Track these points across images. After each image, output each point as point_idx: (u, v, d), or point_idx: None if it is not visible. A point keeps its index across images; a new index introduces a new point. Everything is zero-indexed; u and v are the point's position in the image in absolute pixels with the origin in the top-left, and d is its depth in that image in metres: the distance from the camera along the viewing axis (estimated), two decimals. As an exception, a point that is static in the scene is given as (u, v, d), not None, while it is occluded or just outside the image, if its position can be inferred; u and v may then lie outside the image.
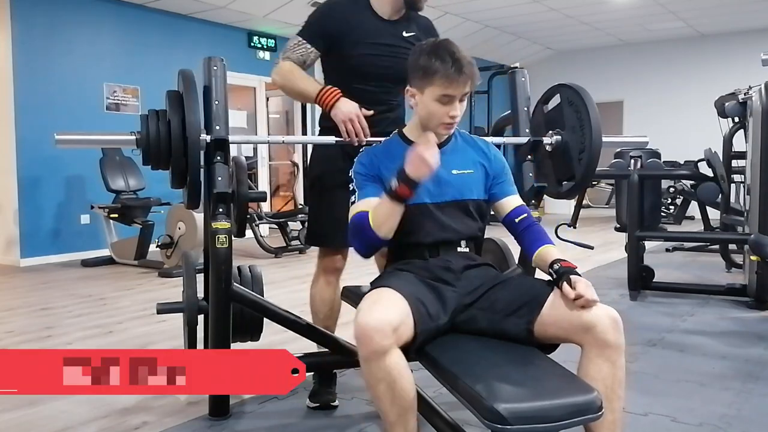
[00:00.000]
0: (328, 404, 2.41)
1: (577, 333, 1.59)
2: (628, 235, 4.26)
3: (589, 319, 1.57)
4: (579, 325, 1.58)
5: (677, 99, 10.38)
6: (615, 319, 1.57)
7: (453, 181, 1.88)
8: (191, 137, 2.09)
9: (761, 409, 2.38)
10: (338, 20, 2.27)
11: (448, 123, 1.81)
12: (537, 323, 1.64)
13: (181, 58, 6.01)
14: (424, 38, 2.27)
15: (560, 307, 1.62)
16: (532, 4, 8.23)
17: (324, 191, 2.41)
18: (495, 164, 1.95)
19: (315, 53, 2.29)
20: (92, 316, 4.02)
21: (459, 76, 1.73)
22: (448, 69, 1.72)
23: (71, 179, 6.43)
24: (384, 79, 2.31)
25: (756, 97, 3.97)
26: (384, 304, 1.58)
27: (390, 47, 2.29)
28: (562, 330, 1.62)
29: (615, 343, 1.56)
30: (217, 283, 2.20)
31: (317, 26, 2.30)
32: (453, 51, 1.74)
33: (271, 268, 5.53)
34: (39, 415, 2.39)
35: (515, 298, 1.70)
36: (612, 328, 1.56)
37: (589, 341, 1.57)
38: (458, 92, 1.75)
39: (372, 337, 1.50)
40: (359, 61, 2.27)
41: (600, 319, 1.56)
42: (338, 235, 2.36)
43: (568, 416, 1.36)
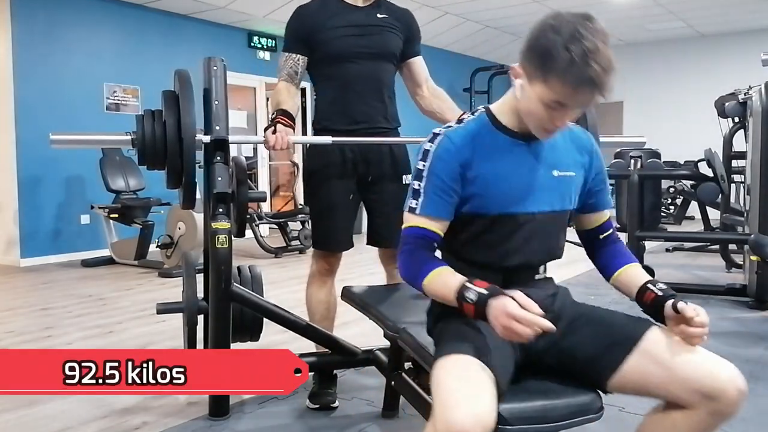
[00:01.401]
0: (327, 405, 2.41)
1: (691, 398, 1.29)
2: (628, 235, 4.26)
3: (714, 388, 1.27)
4: (699, 392, 1.27)
5: (677, 99, 10.37)
6: (744, 392, 1.30)
7: (554, 185, 1.47)
8: (186, 137, 2.09)
9: (761, 409, 2.38)
10: (310, 18, 2.34)
11: (551, 129, 1.38)
12: (626, 373, 1.35)
13: (181, 58, 6.01)
14: (400, 24, 2.41)
15: (667, 363, 1.30)
16: (532, 4, 8.23)
17: (318, 189, 2.43)
18: (597, 166, 1.55)
19: (302, 59, 2.37)
20: (92, 316, 4.02)
21: (584, 88, 1.27)
22: (572, 75, 1.26)
23: (71, 179, 6.43)
24: (365, 57, 2.35)
25: (756, 97, 3.97)
26: (472, 390, 1.21)
27: (366, 27, 2.35)
28: (667, 390, 1.31)
29: (732, 415, 1.30)
30: (217, 283, 2.20)
31: (294, 33, 2.37)
32: (590, 48, 1.26)
33: (271, 268, 5.53)
34: (39, 415, 2.39)
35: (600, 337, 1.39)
36: (739, 401, 1.29)
37: (704, 408, 1.29)
38: (577, 104, 1.33)
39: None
40: (339, 43, 2.32)
41: (728, 389, 1.28)
42: (333, 239, 2.42)
43: (568, 416, 1.36)
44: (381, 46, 2.37)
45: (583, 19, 1.30)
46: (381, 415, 2.29)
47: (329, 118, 2.40)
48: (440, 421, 1.17)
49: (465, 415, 1.16)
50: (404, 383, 2.03)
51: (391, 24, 2.40)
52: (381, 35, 2.37)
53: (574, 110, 1.35)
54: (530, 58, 1.32)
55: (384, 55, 2.39)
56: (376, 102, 2.40)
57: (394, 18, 2.42)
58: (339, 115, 2.37)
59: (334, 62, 2.35)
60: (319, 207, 2.43)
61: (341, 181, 2.38)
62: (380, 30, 2.38)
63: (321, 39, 2.32)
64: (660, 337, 1.36)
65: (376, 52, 2.36)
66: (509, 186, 1.44)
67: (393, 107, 2.47)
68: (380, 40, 2.37)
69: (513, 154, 1.44)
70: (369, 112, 2.38)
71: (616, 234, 1.60)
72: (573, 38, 1.26)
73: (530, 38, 1.33)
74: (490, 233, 1.46)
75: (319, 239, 2.46)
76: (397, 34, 2.42)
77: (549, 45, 1.27)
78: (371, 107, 2.38)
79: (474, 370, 1.25)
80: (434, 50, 9.80)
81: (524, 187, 1.44)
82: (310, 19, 2.34)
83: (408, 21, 2.48)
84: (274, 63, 2.43)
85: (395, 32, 2.41)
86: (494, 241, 1.46)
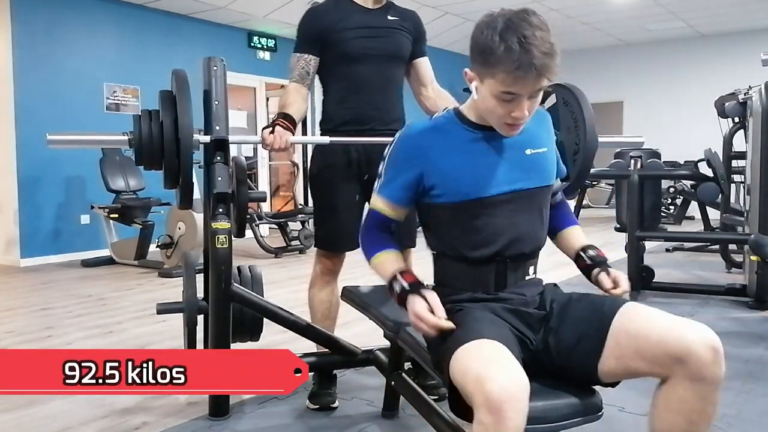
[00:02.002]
0: (327, 406, 2.41)
1: (664, 365, 1.29)
2: (628, 235, 4.26)
3: (682, 348, 1.26)
4: (667, 355, 1.27)
5: (677, 99, 10.37)
6: (716, 348, 1.26)
7: (529, 164, 1.51)
8: (183, 138, 2.09)
9: (761, 409, 2.38)
10: (323, 19, 2.35)
11: (511, 124, 1.42)
12: (608, 356, 1.36)
13: (180, 58, 6.03)
14: (409, 25, 2.43)
15: (639, 333, 1.32)
16: (532, 4, 8.21)
17: (323, 189, 2.42)
18: (554, 139, 1.63)
19: (314, 59, 2.36)
20: (92, 316, 4.02)
21: (527, 73, 1.31)
22: (512, 61, 1.31)
23: (71, 179, 6.43)
24: (377, 59, 2.36)
25: (756, 97, 3.97)
26: (503, 362, 1.24)
27: (377, 29, 2.37)
28: (643, 362, 1.31)
29: (713, 378, 1.26)
30: (217, 283, 2.20)
31: (306, 34, 2.37)
32: (525, 34, 1.31)
33: (271, 268, 5.53)
34: (39, 415, 2.39)
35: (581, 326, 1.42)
36: (712, 359, 1.25)
37: (679, 374, 1.27)
38: (525, 91, 1.36)
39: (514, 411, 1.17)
40: (349, 45, 2.33)
41: (697, 347, 1.25)
42: (337, 240, 2.41)
43: (568, 416, 1.36)
44: (392, 48, 2.40)
45: (516, 11, 1.36)
46: (381, 415, 2.29)
47: (337, 118, 2.40)
48: (481, 396, 1.18)
49: (506, 381, 1.18)
50: (404, 383, 2.03)
51: (401, 26, 2.43)
52: (392, 37, 2.40)
53: (525, 98, 1.37)
54: (474, 58, 1.40)
55: (395, 56, 2.42)
56: (385, 103, 2.42)
57: (402, 20, 2.45)
58: (348, 116, 2.38)
59: (346, 63, 2.35)
60: (324, 207, 2.43)
61: (346, 182, 2.38)
62: (391, 32, 2.40)
63: (334, 40, 2.33)
64: (632, 312, 1.37)
65: (387, 54, 2.39)
66: (478, 171, 1.48)
67: (401, 109, 2.49)
68: (391, 42, 2.40)
69: (479, 144, 1.50)
70: (378, 113, 2.39)
71: (563, 197, 1.71)
72: (507, 29, 1.32)
73: (471, 40, 1.41)
74: (474, 218, 1.48)
75: (323, 239, 2.46)
76: (407, 35, 2.45)
77: (487, 41, 1.34)
78: (380, 108, 2.39)
79: (498, 348, 1.28)
80: (434, 50, 9.77)
81: (496, 169, 1.48)
82: (323, 20, 2.35)
83: (416, 22, 2.51)
84: (274, 63, 2.46)
85: (405, 34, 2.44)
86: (479, 230, 1.48)
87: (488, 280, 1.50)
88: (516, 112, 1.38)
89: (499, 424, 1.16)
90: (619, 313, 1.37)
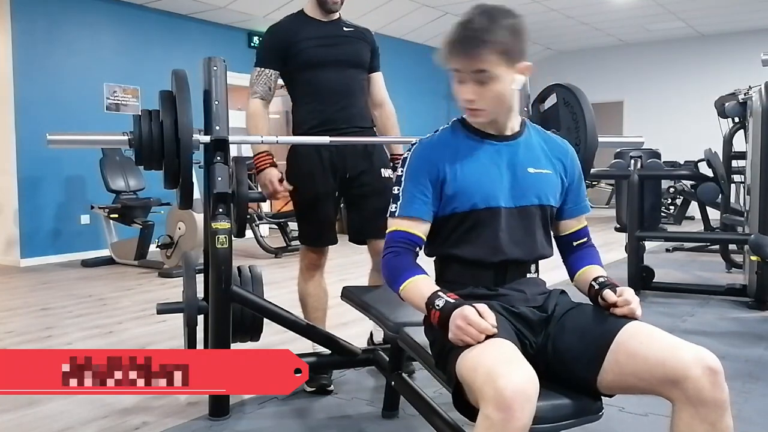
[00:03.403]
0: (324, 389, 2.50)
1: (662, 385, 1.26)
2: (628, 235, 4.26)
3: (677, 370, 1.23)
4: (665, 377, 1.25)
5: (677, 99, 10.38)
6: (713, 368, 1.22)
7: (530, 182, 1.53)
8: (183, 137, 2.09)
9: (761, 409, 2.38)
10: (283, 34, 2.54)
11: (465, 108, 1.47)
12: (607, 370, 1.34)
13: (181, 58, 6.02)
14: (365, 35, 2.63)
15: (638, 353, 1.29)
16: (532, 4, 8.23)
17: (300, 189, 2.55)
18: (573, 169, 1.61)
19: (275, 74, 2.54)
20: (92, 316, 4.02)
21: (454, 49, 1.41)
22: (446, 40, 1.44)
23: (71, 179, 6.43)
24: (336, 65, 2.53)
25: (756, 97, 3.97)
26: (512, 359, 1.24)
27: (333, 37, 2.55)
28: (642, 382, 1.30)
29: (714, 401, 1.21)
30: (217, 284, 2.20)
31: (267, 49, 2.56)
32: (463, 19, 1.43)
33: (271, 268, 5.53)
34: (39, 415, 2.39)
35: (582, 337, 1.41)
36: (710, 381, 1.21)
37: (679, 397, 1.24)
38: (463, 67, 1.41)
39: (523, 409, 1.17)
40: (309, 54, 2.50)
41: (692, 369, 1.22)
42: (318, 235, 2.59)
43: (568, 416, 1.36)
44: (351, 55, 2.58)
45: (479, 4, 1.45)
46: (381, 415, 2.29)
47: (306, 122, 2.55)
48: (491, 392, 1.17)
49: (519, 380, 1.17)
50: (404, 383, 2.03)
51: (359, 36, 2.61)
52: (350, 45, 2.58)
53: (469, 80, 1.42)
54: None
55: (354, 62, 2.59)
56: (350, 106, 2.56)
57: (359, 32, 2.64)
58: (315, 119, 2.53)
59: (308, 70, 2.52)
60: (303, 205, 2.59)
61: (322, 180, 2.53)
62: (348, 40, 2.59)
63: (295, 50, 2.50)
64: (634, 331, 1.35)
65: (346, 60, 2.55)
66: (484, 182, 1.51)
67: (367, 111, 2.65)
68: (350, 49, 2.58)
69: (486, 153, 1.53)
70: (344, 115, 2.54)
71: (591, 242, 1.65)
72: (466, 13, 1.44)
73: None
74: (474, 229, 1.50)
75: (306, 235, 2.64)
76: (365, 45, 2.63)
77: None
78: (346, 111, 2.56)
79: (509, 346, 1.28)
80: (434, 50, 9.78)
81: (500, 183, 1.51)
82: (283, 34, 2.53)
83: (371, 36, 2.68)
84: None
85: (363, 43, 2.63)
86: (479, 237, 1.50)
87: (488, 276, 1.52)
88: (462, 94, 1.44)
89: (507, 421, 1.15)
90: (622, 331, 1.35)
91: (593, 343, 1.37)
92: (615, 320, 1.39)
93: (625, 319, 1.38)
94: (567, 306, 1.51)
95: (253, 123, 2.53)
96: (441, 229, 1.54)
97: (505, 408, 1.15)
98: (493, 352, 1.26)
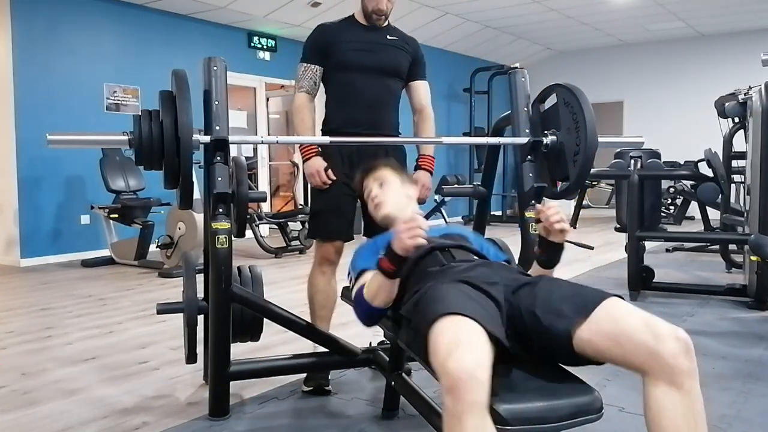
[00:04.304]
0: (321, 388, 2.50)
1: (637, 353, 1.36)
2: (628, 235, 4.26)
3: (655, 335, 1.35)
4: (640, 343, 1.35)
5: (677, 99, 10.38)
6: (685, 340, 1.36)
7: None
8: (183, 137, 2.09)
9: (761, 410, 2.38)
10: (328, 34, 2.63)
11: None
12: (585, 330, 1.43)
13: (181, 58, 6.03)
14: (407, 46, 2.69)
15: (619, 319, 1.40)
16: (532, 4, 8.23)
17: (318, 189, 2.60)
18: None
19: (319, 69, 2.64)
20: (92, 316, 4.02)
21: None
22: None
23: (71, 179, 6.43)
24: (370, 70, 2.60)
25: (756, 97, 3.96)
26: (471, 344, 1.32)
27: (373, 44, 2.62)
28: (618, 347, 1.38)
29: (687, 367, 1.34)
30: (217, 284, 2.20)
31: (312, 46, 2.65)
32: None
33: (271, 269, 5.53)
34: (39, 415, 2.39)
35: (562, 296, 1.52)
36: (682, 350, 1.34)
37: (653, 366, 1.34)
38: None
39: (468, 387, 1.24)
40: (344, 56, 2.60)
41: (667, 338, 1.35)
42: (327, 228, 2.63)
43: (568, 416, 1.36)
44: (387, 63, 2.64)
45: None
46: (381, 415, 2.29)
47: (335, 120, 2.65)
48: (443, 376, 1.27)
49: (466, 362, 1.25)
50: (404, 383, 2.03)
51: (400, 45, 2.66)
52: (388, 53, 2.64)
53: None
54: None
55: (389, 71, 2.65)
56: (379, 112, 2.65)
57: (402, 41, 2.70)
58: (345, 120, 2.62)
59: (343, 71, 2.61)
60: (318, 198, 2.63)
61: (340, 175, 2.57)
62: (388, 48, 2.65)
63: (333, 50, 2.60)
64: (615, 304, 1.46)
65: (381, 67, 2.62)
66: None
67: (395, 119, 2.71)
68: (387, 57, 2.64)
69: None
70: (370, 118, 2.61)
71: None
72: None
73: None
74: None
75: (314, 228, 2.68)
76: (405, 54, 2.68)
77: None
78: (374, 116, 2.62)
79: (462, 326, 1.36)
80: (434, 50, 9.79)
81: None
82: (329, 33, 2.63)
83: (415, 46, 2.74)
84: (274, 63, 2.53)
85: (403, 52, 2.68)
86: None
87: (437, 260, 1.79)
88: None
89: (456, 401, 1.24)
90: (604, 302, 1.45)
91: (573, 305, 1.47)
92: (595, 293, 1.50)
93: (609, 294, 1.49)
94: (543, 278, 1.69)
95: (300, 116, 2.63)
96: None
97: (453, 388, 1.24)
98: (449, 335, 1.34)
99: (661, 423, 1.35)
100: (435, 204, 8.08)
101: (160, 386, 2.68)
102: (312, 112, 2.65)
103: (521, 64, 6.92)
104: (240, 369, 2.34)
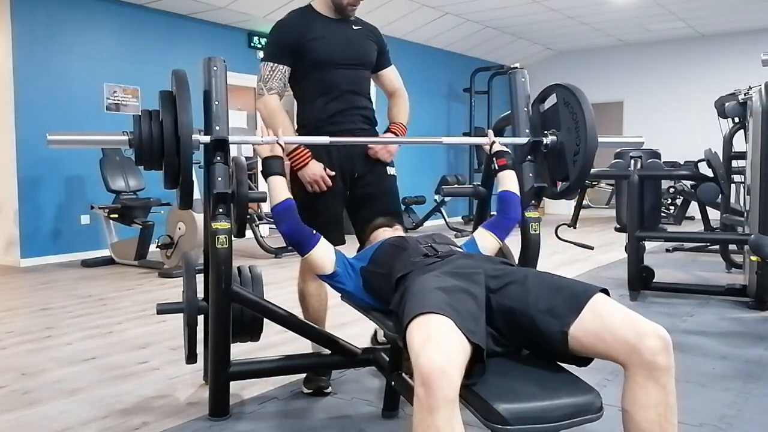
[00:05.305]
0: (321, 390, 2.49)
1: (620, 348, 1.42)
2: (628, 235, 4.26)
3: (637, 332, 1.41)
4: (624, 339, 1.41)
5: (677, 99, 10.38)
6: (665, 338, 1.41)
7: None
8: (183, 137, 2.08)
9: (761, 410, 2.38)
10: (292, 30, 2.52)
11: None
12: (575, 328, 1.48)
13: (181, 58, 6.03)
14: (372, 35, 2.64)
15: (604, 316, 1.46)
16: (533, 4, 8.23)
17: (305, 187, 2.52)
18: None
19: (288, 69, 2.53)
20: (92, 316, 4.02)
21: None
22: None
23: (71, 179, 6.43)
24: (344, 65, 2.54)
25: (756, 98, 3.97)
26: (442, 341, 1.36)
27: (343, 36, 2.55)
28: (602, 342, 1.45)
29: (665, 364, 1.40)
30: (217, 284, 2.20)
31: (278, 44, 2.55)
32: None
33: (271, 269, 5.53)
34: (39, 415, 2.39)
35: (552, 293, 1.55)
36: (662, 347, 1.40)
37: (635, 361, 1.40)
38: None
39: (440, 383, 1.28)
40: (319, 52, 2.50)
41: (648, 336, 1.41)
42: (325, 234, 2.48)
43: (568, 416, 1.36)
44: (362, 55, 2.60)
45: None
46: (381, 415, 2.29)
47: (312, 120, 2.57)
48: (416, 371, 1.32)
49: (437, 358, 1.31)
50: (404, 383, 2.03)
51: (367, 35, 2.62)
52: (360, 45, 2.60)
53: None
54: None
55: (363, 62, 2.61)
56: (356, 106, 2.59)
57: (368, 30, 2.64)
58: (322, 118, 2.54)
59: (316, 69, 2.52)
60: (309, 203, 2.51)
61: (331, 180, 2.52)
62: (359, 40, 2.60)
63: (308, 47, 2.49)
64: (601, 300, 1.51)
65: (357, 61, 2.57)
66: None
67: (371, 110, 2.66)
68: (360, 49, 2.60)
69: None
70: (350, 114, 2.56)
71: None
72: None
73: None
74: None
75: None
76: (373, 43, 2.64)
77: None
78: (352, 110, 2.57)
79: (433, 323, 1.41)
80: (434, 50, 9.80)
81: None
82: (295, 31, 2.51)
83: (378, 33, 2.69)
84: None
85: (371, 42, 2.64)
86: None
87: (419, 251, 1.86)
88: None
89: (427, 396, 1.28)
90: (595, 297, 1.50)
91: (572, 297, 1.51)
92: (587, 287, 1.55)
93: (596, 288, 1.53)
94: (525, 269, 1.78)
95: (279, 119, 2.49)
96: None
97: (424, 383, 1.29)
98: (422, 333, 1.39)
99: (635, 412, 1.41)
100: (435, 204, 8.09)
101: (160, 386, 2.68)
102: (285, 112, 2.55)
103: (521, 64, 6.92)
104: (240, 369, 2.34)
